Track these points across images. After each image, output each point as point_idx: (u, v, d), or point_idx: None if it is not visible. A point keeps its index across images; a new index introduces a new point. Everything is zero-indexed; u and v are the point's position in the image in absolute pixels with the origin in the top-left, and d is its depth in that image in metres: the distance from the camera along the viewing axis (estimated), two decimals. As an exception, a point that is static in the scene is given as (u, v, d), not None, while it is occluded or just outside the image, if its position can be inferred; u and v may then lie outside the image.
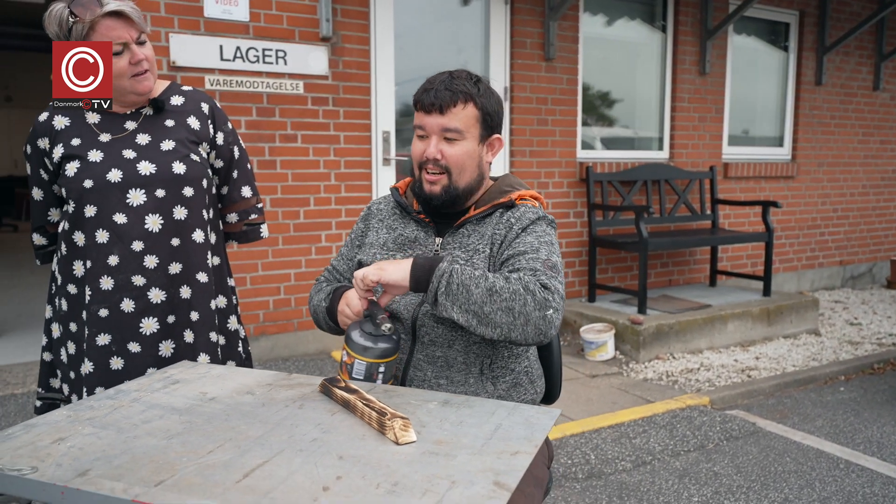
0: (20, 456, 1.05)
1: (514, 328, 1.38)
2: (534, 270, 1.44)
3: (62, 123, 1.77)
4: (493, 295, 1.38)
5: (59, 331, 1.87)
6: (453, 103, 1.53)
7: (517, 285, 1.39)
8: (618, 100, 5.63)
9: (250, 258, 4.09)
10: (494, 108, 1.59)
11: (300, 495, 0.94)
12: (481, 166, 1.61)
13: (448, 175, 1.56)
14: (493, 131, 1.61)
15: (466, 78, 1.56)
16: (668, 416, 3.51)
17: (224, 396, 1.33)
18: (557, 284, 1.43)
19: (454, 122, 1.54)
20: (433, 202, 1.59)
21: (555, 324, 1.40)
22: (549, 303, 1.39)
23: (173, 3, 3.74)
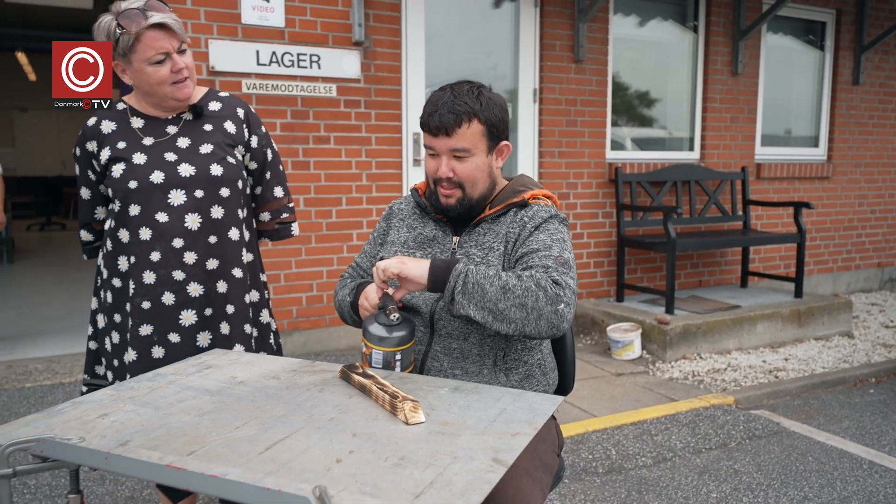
0: (70, 428, 1.17)
1: (528, 323, 1.46)
2: (546, 268, 1.52)
3: (109, 128, 1.90)
4: (507, 292, 1.46)
5: (104, 321, 2.00)
6: (458, 124, 1.59)
7: (529, 282, 1.47)
8: (648, 100, 5.65)
9: (284, 256, 4.23)
10: (498, 116, 1.64)
11: (316, 465, 1.04)
12: (492, 174, 1.69)
13: (462, 189, 1.65)
14: (499, 140, 1.67)
15: (468, 93, 1.61)
16: (691, 415, 3.54)
17: (252, 380, 1.44)
18: (569, 280, 1.51)
19: (461, 142, 1.60)
20: (450, 213, 1.68)
21: (566, 318, 1.48)
22: (560, 298, 1.47)
23: (213, 11, 3.90)
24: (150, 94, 1.86)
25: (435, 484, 0.98)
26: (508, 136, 1.72)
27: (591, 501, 2.68)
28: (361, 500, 0.93)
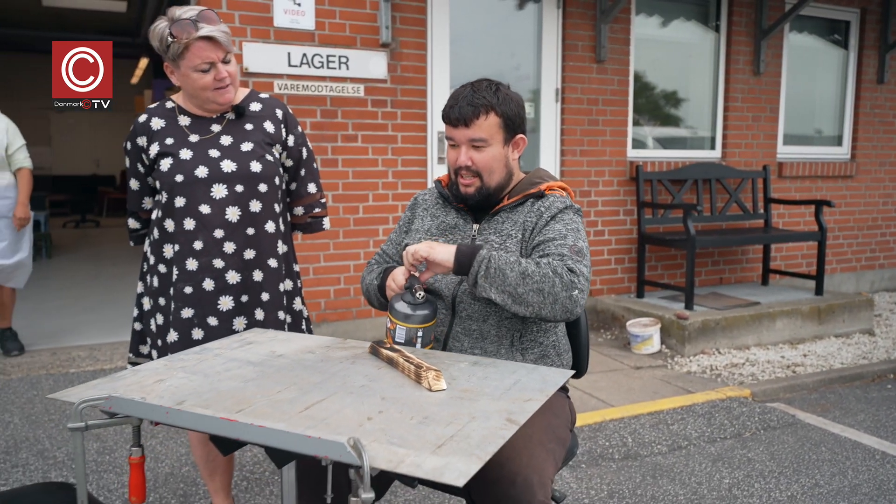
0: (131, 390, 1.32)
1: (544, 307, 1.59)
2: (561, 256, 1.65)
3: (158, 124, 2.06)
4: (526, 278, 1.59)
5: (149, 304, 2.16)
6: (476, 116, 1.73)
7: (547, 269, 1.60)
8: (670, 100, 5.72)
9: (313, 250, 4.39)
10: (515, 111, 1.78)
11: (349, 422, 1.17)
12: (508, 165, 1.82)
13: (480, 178, 1.78)
14: (515, 133, 1.81)
15: (486, 88, 1.75)
16: (707, 406, 3.63)
17: (289, 354, 1.58)
18: (583, 268, 1.64)
19: (479, 132, 1.74)
20: (469, 202, 1.81)
21: (580, 303, 1.61)
22: (574, 284, 1.60)
23: (247, 15, 4.07)
24: (195, 97, 2.02)
25: (454, 437, 1.11)
26: (525, 131, 1.84)
27: (606, 485, 2.79)
28: (390, 449, 1.07)
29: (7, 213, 4.14)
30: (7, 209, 4.14)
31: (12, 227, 4.16)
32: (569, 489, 2.74)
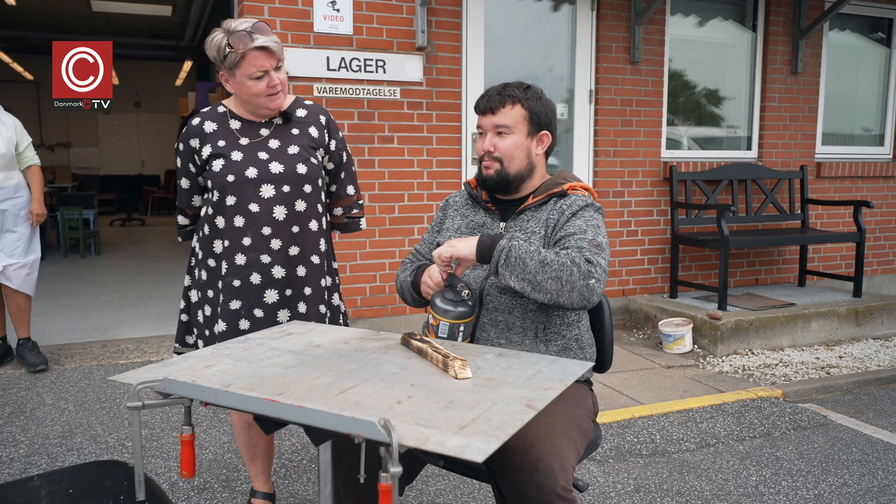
0: (182, 374, 1.44)
1: (562, 294, 1.68)
2: (580, 248, 1.74)
3: (211, 127, 2.19)
4: (545, 266, 1.68)
5: (196, 296, 2.30)
6: (502, 105, 1.88)
7: (565, 259, 1.69)
8: (705, 100, 5.72)
9: (350, 248, 4.52)
10: (542, 110, 1.91)
11: (380, 405, 1.27)
12: (530, 157, 1.93)
13: (500, 163, 1.90)
14: (540, 129, 1.93)
15: (517, 86, 1.90)
16: (737, 405, 3.65)
17: (326, 344, 1.69)
18: (601, 260, 1.72)
19: (503, 119, 1.88)
20: (488, 183, 1.93)
21: (596, 291, 1.69)
22: (591, 273, 1.68)
23: (288, 21, 4.21)
24: (248, 103, 2.15)
25: (477, 420, 1.20)
26: (552, 131, 1.95)
27: (633, 479, 2.85)
28: (417, 429, 1.16)
29: (22, 212, 4.02)
30: (21, 207, 4.02)
31: (28, 225, 4.03)
32: (595, 482, 2.81)
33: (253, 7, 4.14)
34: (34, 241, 4.09)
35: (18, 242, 3.98)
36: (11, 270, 3.96)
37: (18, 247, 3.98)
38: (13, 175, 3.95)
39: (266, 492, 2.47)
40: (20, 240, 3.99)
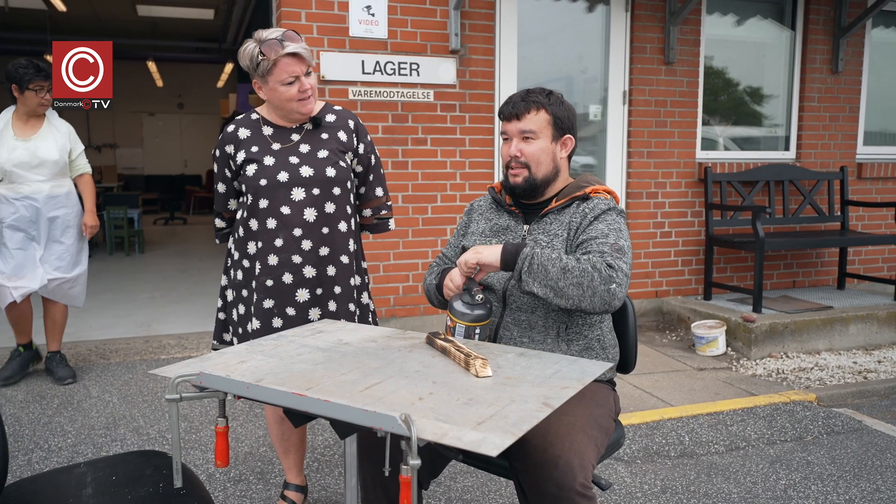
0: (217, 369, 1.52)
1: (584, 299, 1.72)
2: (602, 253, 1.78)
3: (245, 134, 2.28)
4: (566, 273, 1.72)
5: (232, 295, 2.39)
6: (527, 110, 1.92)
7: (586, 265, 1.72)
8: (741, 100, 5.66)
9: (384, 248, 4.60)
10: (565, 114, 1.96)
11: (403, 401, 1.33)
12: (556, 161, 1.97)
13: (528, 168, 1.94)
14: (564, 132, 1.97)
15: (539, 92, 1.95)
16: (769, 409, 3.63)
17: (354, 342, 1.76)
18: (622, 264, 1.75)
19: (529, 124, 1.93)
20: (516, 190, 1.97)
21: (618, 296, 1.73)
22: (612, 279, 1.72)
23: (324, 26, 4.31)
24: (280, 108, 2.23)
25: (494, 416, 1.25)
26: (575, 135, 2.00)
27: (660, 480, 2.86)
28: (436, 424, 1.22)
29: (72, 223, 3.82)
30: (71, 218, 3.82)
31: (77, 236, 3.85)
32: (622, 482, 2.83)
33: (290, 13, 4.25)
34: (82, 253, 3.93)
35: (66, 255, 3.80)
36: (55, 285, 3.79)
37: (65, 259, 3.80)
38: (64, 183, 3.81)
39: (298, 484, 2.55)
40: (67, 252, 3.81)
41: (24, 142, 3.64)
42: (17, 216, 3.68)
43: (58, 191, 3.75)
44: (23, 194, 3.67)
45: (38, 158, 3.65)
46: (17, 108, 3.68)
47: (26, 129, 3.67)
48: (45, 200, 3.70)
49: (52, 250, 3.77)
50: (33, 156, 3.63)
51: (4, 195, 3.69)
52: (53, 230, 3.76)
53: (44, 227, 3.73)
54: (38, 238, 3.74)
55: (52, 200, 3.72)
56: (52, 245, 3.77)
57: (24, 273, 3.71)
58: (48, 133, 3.68)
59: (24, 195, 3.67)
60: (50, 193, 3.71)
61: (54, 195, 3.73)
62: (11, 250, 3.71)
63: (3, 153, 3.60)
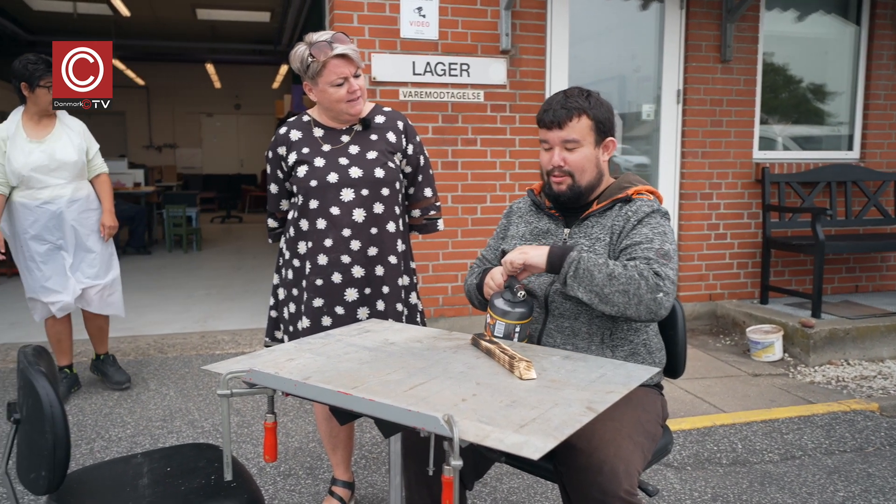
0: (267, 366, 1.56)
1: (629, 307, 1.70)
2: (647, 259, 1.74)
3: (296, 136, 2.33)
4: (612, 279, 1.70)
5: (283, 294, 2.44)
6: (569, 118, 1.86)
7: (633, 272, 1.70)
8: (802, 98, 5.49)
9: (433, 248, 4.62)
10: (605, 116, 1.90)
11: (446, 402, 1.34)
12: (599, 166, 1.93)
13: (571, 177, 1.90)
14: (606, 135, 1.92)
15: (578, 94, 1.89)
16: (827, 418, 3.51)
17: (400, 342, 1.78)
18: (669, 271, 1.72)
19: (572, 133, 1.87)
20: (561, 199, 1.93)
21: (664, 305, 1.70)
22: (660, 287, 1.69)
23: (375, 28, 4.36)
24: (330, 110, 2.27)
25: (537, 420, 1.25)
26: (615, 135, 1.95)
27: (711, 488, 2.80)
28: (478, 426, 1.22)
29: (96, 227, 3.61)
30: (96, 221, 3.61)
31: (100, 240, 3.62)
32: (671, 489, 2.79)
33: (343, 15, 4.31)
34: (112, 257, 3.72)
35: (96, 261, 3.60)
36: (93, 294, 3.61)
37: (95, 266, 3.60)
38: (83, 185, 3.57)
39: (346, 480, 2.59)
40: (98, 258, 3.61)
41: (39, 144, 3.39)
42: (39, 225, 3.44)
43: (79, 194, 3.53)
44: (42, 200, 3.43)
45: (57, 161, 3.40)
46: (28, 108, 3.39)
47: (39, 129, 3.42)
48: (67, 204, 3.47)
49: (82, 257, 3.58)
50: (51, 158, 3.39)
51: (23, 203, 3.43)
52: (79, 237, 3.55)
53: (69, 234, 3.51)
54: (65, 246, 3.52)
55: (74, 205, 3.50)
56: (81, 252, 3.57)
57: (56, 285, 3.50)
58: (62, 133, 3.45)
59: (43, 200, 3.43)
60: (71, 197, 3.49)
61: (76, 198, 3.51)
62: (39, 263, 3.48)
63: (19, 158, 3.34)
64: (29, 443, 1.60)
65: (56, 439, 1.51)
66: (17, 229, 3.47)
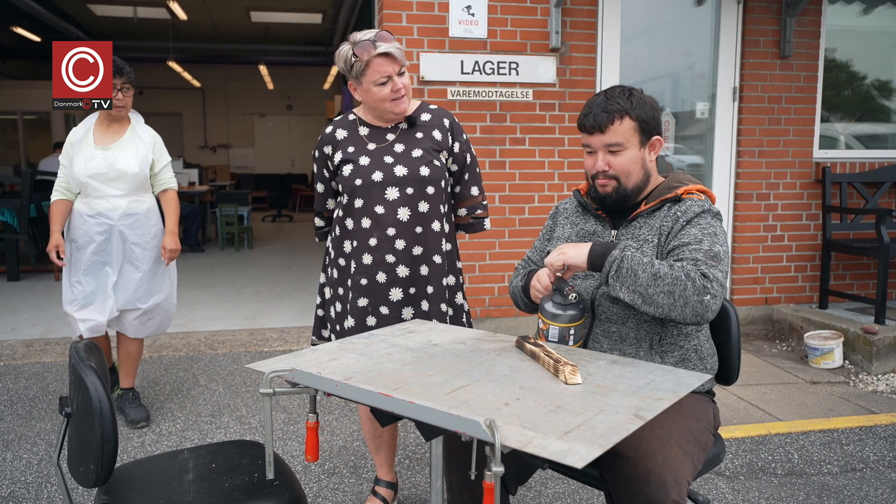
0: (310, 365, 1.56)
1: (674, 309, 1.63)
2: (695, 261, 1.67)
3: (342, 135, 2.33)
4: (657, 279, 1.64)
5: (329, 293, 2.45)
6: (610, 121, 1.79)
7: (679, 272, 1.63)
8: (867, 95, 5.27)
9: (480, 248, 4.59)
10: (649, 114, 1.82)
11: (489, 405, 1.31)
12: (646, 167, 1.86)
13: (617, 180, 1.84)
14: (651, 135, 1.84)
15: (619, 95, 1.81)
16: (891, 429, 3.35)
17: (444, 343, 1.75)
18: (717, 273, 1.65)
19: (615, 137, 1.80)
20: (606, 201, 1.87)
21: (711, 308, 1.63)
22: (707, 289, 1.62)
23: (424, 27, 4.35)
24: (374, 109, 2.26)
25: (581, 426, 1.21)
26: (661, 133, 1.87)
27: (765, 499, 2.70)
28: (521, 432, 1.19)
29: (150, 245, 3.29)
30: (150, 239, 3.30)
31: (154, 261, 3.31)
32: (724, 499, 2.69)
33: (392, 15, 4.31)
34: (162, 280, 3.38)
35: (143, 282, 3.28)
36: (131, 318, 3.31)
37: (141, 287, 3.28)
38: (145, 199, 3.31)
39: (389, 480, 2.58)
40: (144, 279, 3.29)
41: (104, 150, 3.19)
42: (88, 235, 3.22)
43: (136, 207, 3.26)
44: (97, 210, 3.21)
45: (116, 170, 3.17)
46: (101, 112, 3.23)
47: (108, 135, 3.24)
48: (121, 218, 3.22)
49: (126, 275, 3.27)
50: (111, 167, 3.17)
51: (80, 211, 3.25)
52: (129, 252, 3.26)
53: (117, 250, 3.24)
54: (110, 262, 3.25)
55: (128, 218, 3.23)
56: (127, 270, 3.27)
57: (93, 302, 3.24)
58: (130, 142, 3.24)
59: (97, 211, 3.21)
60: (127, 210, 3.23)
61: (132, 212, 3.24)
62: (81, 276, 3.25)
63: (80, 163, 3.16)
64: (79, 436, 1.64)
65: (104, 433, 1.53)
66: (69, 236, 3.30)
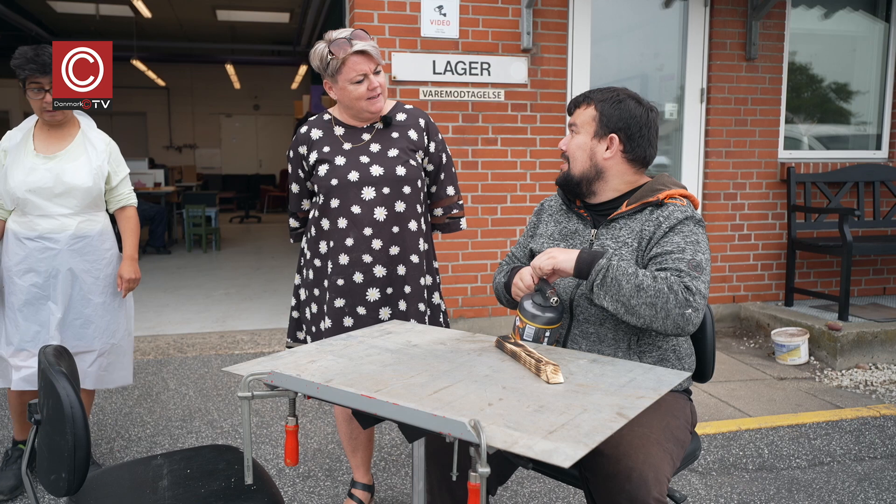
0: (288, 368, 1.53)
1: (655, 320, 1.65)
2: (679, 271, 1.67)
3: (317, 134, 2.30)
4: (641, 291, 1.64)
5: (305, 294, 2.42)
6: (577, 105, 1.92)
7: (662, 285, 1.64)
8: (828, 97, 5.39)
9: (452, 248, 4.59)
10: (617, 114, 1.83)
11: (472, 406, 1.30)
12: (594, 158, 1.87)
13: (567, 162, 1.92)
14: (610, 132, 1.85)
15: (605, 89, 1.90)
16: (856, 423, 3.43)
17: (423, 344, 1.74)
18: (700, 285, 1.66)
19: (576, 118, 1.91)
20: (557, 182, 1.96)
21: (692, 321, 1.64)
22: (689, 303, 1.63)
23: (396, 27, 4.33)
24: (350, 107, 2.24)
25: (566, 426, 1.21)
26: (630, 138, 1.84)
27: (737, 494, 2.74)
28: (506, 432, 1.19)
29: (103, 273, 2.70)
30: (104, 266, 2.70)
31: (109, 292, 2.71)
32: (697, 495, 2.73)
33: (363, 14, 4.29)
34: (118, 315, 2.77)
35: (94, 318, 2.67)
36: (87, 365, 2.66)
37: (92, 324, 2.67)
38: (97, 218, 2.72)
39: (365, 483, 2.57)
40: (96, 314, 2.68)
41: (47, 160, 2.61)
42: (27, 264, 2.60)
43: (88, 228, 2.68)
44: (38, 232, 2.60)
45: (64, 184, 2.59)
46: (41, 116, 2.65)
47: (51, 142, 2.65)
48: (69, 241, 2.62)
49: (77, 313, 2.66)
50: (57, 180, 2.58)
51: (14, 232, 2.63)
52: (80, 284, 2.66)
53: (64, 281, 2.62)
54: (53, 296, 2.61)
55: (78, 242, 2.64)
56: (77, 306, 2.66)
57: (33, 345, 2.59)
58: (81, 150, 2.66)
59: (39, 234, 2.60)
60: (76, 232, 2.64)
61: (82, 234, 2.66)
62: (17, 313, 2.61)
63: (18, 175, 2.57)
64: (49, 444, 1.59)
65: (77, 440, 1.49)
66: (2, 263, 2.67)
